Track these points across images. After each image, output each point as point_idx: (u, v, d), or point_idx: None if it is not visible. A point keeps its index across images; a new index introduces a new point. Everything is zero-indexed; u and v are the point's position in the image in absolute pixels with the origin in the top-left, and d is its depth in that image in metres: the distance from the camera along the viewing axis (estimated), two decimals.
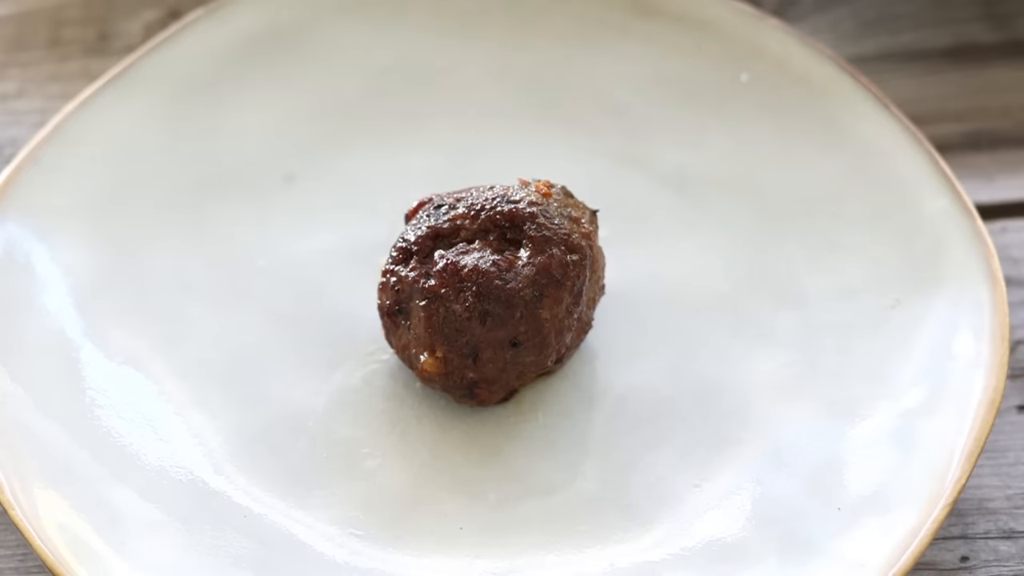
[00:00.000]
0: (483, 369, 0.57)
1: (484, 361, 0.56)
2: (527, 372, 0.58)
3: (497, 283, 0.56)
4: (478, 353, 0.56)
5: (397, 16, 0.69)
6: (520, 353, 0.57)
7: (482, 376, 0.57)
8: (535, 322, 0.56)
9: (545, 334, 0.57)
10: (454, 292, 0.56)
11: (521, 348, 0.56)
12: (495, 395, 0.58)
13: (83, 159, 0.63)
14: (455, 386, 0.57)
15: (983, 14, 0.76)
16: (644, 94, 0.68)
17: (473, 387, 0.57)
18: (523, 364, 0.57)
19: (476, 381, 0.57)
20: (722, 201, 0.65)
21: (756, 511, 0.56)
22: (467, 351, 0.56)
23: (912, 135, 0.64)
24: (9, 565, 0.57)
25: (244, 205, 0.64)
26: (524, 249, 0.57)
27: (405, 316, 0.57)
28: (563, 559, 0.55)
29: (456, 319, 0.56)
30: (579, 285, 0.57)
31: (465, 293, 0.56)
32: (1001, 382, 0.56)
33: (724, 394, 0.59)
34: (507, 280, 0.56)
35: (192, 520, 0.55)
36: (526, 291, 0.56)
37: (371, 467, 0.57)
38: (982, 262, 0.60)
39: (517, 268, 0.56)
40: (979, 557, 0.57)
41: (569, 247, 0.57)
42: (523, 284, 0.56)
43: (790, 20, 0.74)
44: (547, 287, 0.56)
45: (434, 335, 0.56)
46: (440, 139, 0.66)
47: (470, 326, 0.56)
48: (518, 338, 0.56)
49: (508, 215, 0.57)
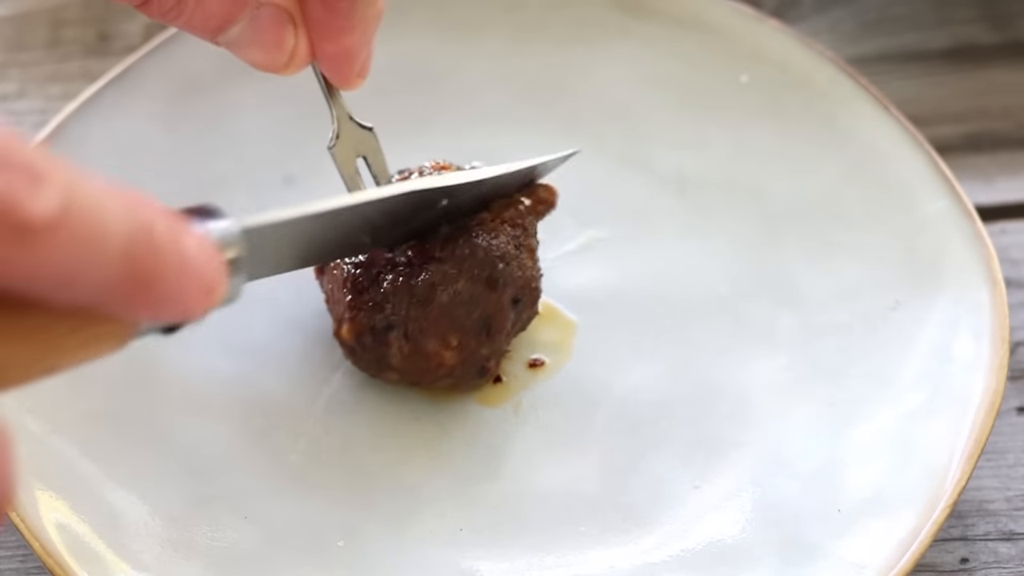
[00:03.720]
0: (495, 340, 0.57)
1: (495, 331, 0.57)
2: (519, 331, 0.59)
3: (486, 245, 0.56)
4: (490, 324, 0.56)
5: (397, 17, 0.69)
6: (520, 308, 0.57)
7: (493, 349, 0.57)
8: (525, 272, 0.57)
9: (535, 279, 0.58)
10: (451, 272, 0.56)
11: (521, 302, 0.57)
12: (499, 365, 0.58)
13: (83, 159, 0.63)
14: (470, 370, 0.57)
15: (983, 15, 0.76)
16: (644, 96, 0.68)
17: (484, 364, 0.57)
18: (522, 321, 0.58)
19: (488, 356, 0.57)
20: (722, 202, 0.65)
21: (756, 512, 0.56)
22: (480, 325, 0.56)
23: (912, 136, 0.64)
24: (9, 566, 0.57)
25: (244, 206, 0.64)
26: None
27: (395, 328, 0.56)
28: (563, 560, 0.55)
29: (466, 298, 0.56)
30: (535, 238, 0.58)
31: (463, 265, 0.56)
32: (1001, 384, 0.56)
33: (724, 395, 0.59)
34: (492, 240, 0.56)
35: (192, 521, 0.55)
36: (510, 246, 0.57)
37: (371, 467, 0.57)
38: (982, 264, 0.60)
39: (484, 230, 0.57)
40: (979, 559, 0.57)
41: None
42: (505, 239, 0.57)
43: (790, 21, 0.74)
44: (520, 239, 0.57)
45: (443, 326, 0.56)
46: (440, 140, 0.66)
47: (480, 298, 0.56)
48: (518, 293, 0.57)
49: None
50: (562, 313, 0.62)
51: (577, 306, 0.62)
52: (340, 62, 0.57)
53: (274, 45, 0.56)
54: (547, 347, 0.61)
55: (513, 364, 0.60)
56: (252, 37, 0.56)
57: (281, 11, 0.55)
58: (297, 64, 0.57)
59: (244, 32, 0.55)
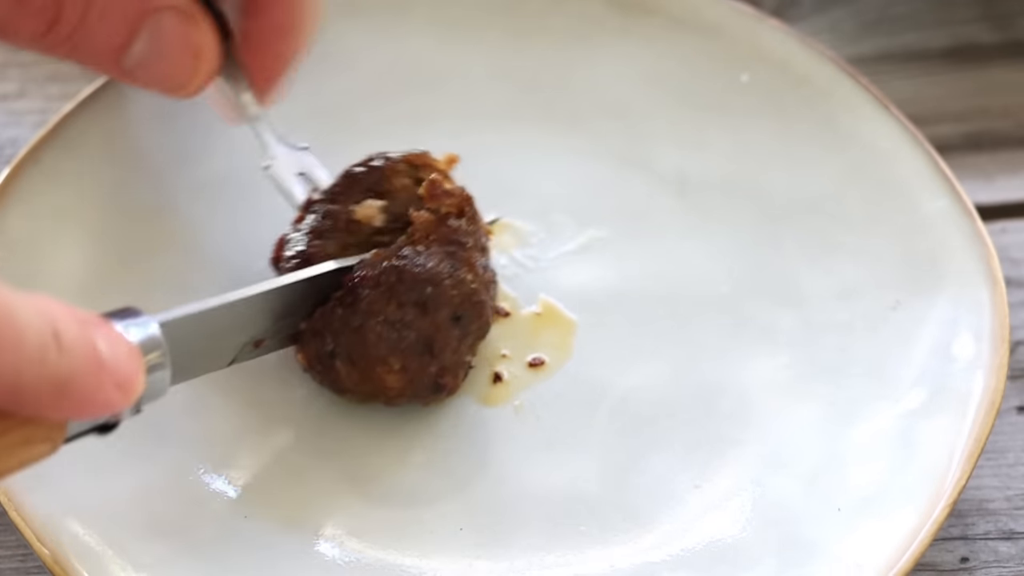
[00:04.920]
0: (441, 357, 0.56)
1: (439, 350, 0.56)
2: (475, 343, 0.58)
3: (413, 270, 0.56)
4: (431, 344, 0.56)
5: (397, 18, 0.69)
6: (464, 323, 0.57)
7: (443, 365, 0.57)
8: (463, 288, 0.56)
9: (476, 293, 0.57)
10: (380, 299, 0.55)
11: (464, 318, 0.57)
12: (458, 378, 0.58)
13: (83, 159, 0.63)
14: (422, 389, 0.57)
15: (983, 14, 0.76)
16: (644, 95, 0.68)
17: (437, 379, 0.57)
18: (472, 334, 0.57)
19: (439, 372, 0.57)
20: (722, 202, 0.65)
21: (756, 512, 0.56)
22: (420, 347, 0.56)
23: (912, 136, 0.64)
24: (9, 565, 0.57)
25: (245, 206, 0.64)
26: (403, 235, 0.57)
27: (337, 355, 0.56)
28: (563, 559, 0.55)
29: (397, 322, 0.55)
30: (478, 240, 0.58)
31: (390, 292, 0.55)
32: (1001, 383, 0.56)
33: (724, 395, 0.59)
34: (418, 263, 0.56)
35: (193, 521, 0.55)
36: (443, 265, 0.56)
37: (371, 467, 0.57)
38: (982, 263, 0.60)
39: (417, 251, 0.56)
40: (979, 558, 0.57)
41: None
42: (436, 260, 0.56)
43: (790, 21, 0.74)
44: (456, 254, 0.57)
45: (383, 350, 0.56)
46: (440, 141, 0.66)
47: (414, 322, 0.56)
48: (457, 311, 0.56)
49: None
50: (562, 313, 0.62)
51: (577, 306, 0.62)
52: (269, 76, 0.58)
53: (181, 53, 0.55)
54: (547, 347, 0.61)
55: (513, 364, 0.60)
56: (157, 49, 0.54)
57: (182, 14, 0.54)
58: (205, 69, 0.56)
59: (148, 45, 0.54)
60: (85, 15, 0.53)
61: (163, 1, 0.54)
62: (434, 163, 0.59)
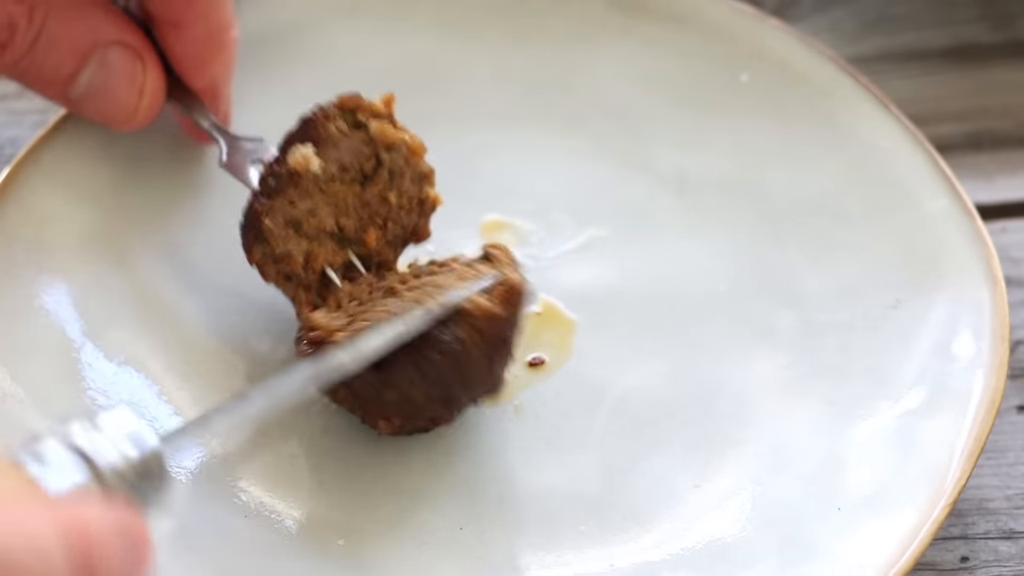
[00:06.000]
0: (435, 410, 0.56)
1: (442, 419, 0.56)
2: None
3: (455, 375, 0.54)
4: (437, 418, 0.56)
5: (397, 18, 0.69)
6: (478, 397, 0.56)
7: (437, 414, 0.56)
8: (491, 383, 0.55)
9: (500, 382, 0.56)
10: (411, 382, 0.54)
11: (480, 398, 0.56)
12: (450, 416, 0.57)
13: (83, 159, 0.63)
14: (417, 429, 0.57)
15: (983, 14, 0.77)
16: (644, 95, 0.68)
17: (428, 423, 0.57)
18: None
19: (434, 418, 0.56)
20: (722, 201, 0.65)
21: (756, 511, 0.56)
22: (427, 419, 0.56)
23: (912, 135, 0.64)
24: None
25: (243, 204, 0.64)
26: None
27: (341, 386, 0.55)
28: (563, 559, 0.55)
29: (417, 401, 0.54)
30: (518, 328, 0.55)
31: (422, 381, 0.54)
32: (1001, 382, 0.56)
33: (724, 394, 0.59)
34: (462, 364, 0.54)
35: (192, 520, 0.55)
36: (481, 369, 0.54)
37: (371, 467, 0.57)
38: (982, 262, 0.60)
39: (462, 343, 0.54)
40: (979, 557, 0.57)
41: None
42: (477, 364, 0.54)
43: (790, 20, 0.74)
44: (496, 352, 0.54)
45: (389, 413, 0.55)
46: (440, 141, 0.66)
47: (432, 408, 0.55)
48: (476, 395, 0.55)
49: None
50: (562, 312, 0.62)
51: (577, 305, 0.62)
52: (213, 96, 0.60)
53: (126, 86, 0.56)
54: (547, 346, 0.61)
55: (513, 364, 0.60)
56: (104, 81, 0.56)
57: (129, 49, 0.56)
58: (149, 103, 0.58)
59: (95, 77, 0.56)
60: (35, 42, 0.54)
61: (112, 36, 0.56)
62: (370, 105, 0.59)
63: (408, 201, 0.59)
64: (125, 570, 0.40)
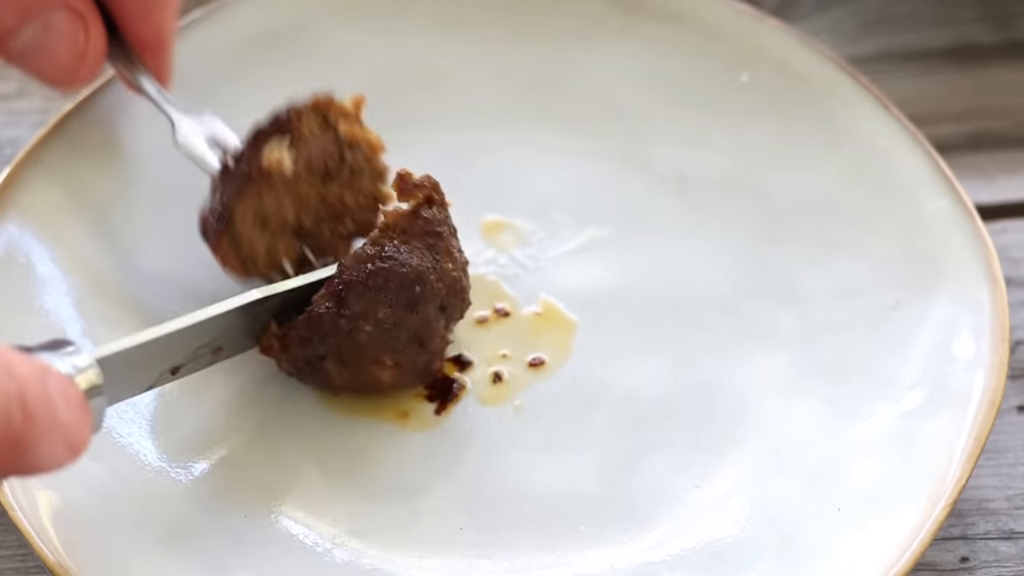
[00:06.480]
0: (429, 347, 0.57)
1: (427, 341, 0.57)
2: (455, 322, 0.58)
3: (400, 270, 0.56)
4: (421, 338, 0.56)
5: (397, 17, 0.69)
6: (449, 311, 0.57)
7: (431, 352, 0.57)
8: (447, 278, 0.57)
9: (458, 280, 0.57)
10: (370, 302, 0.55)
11: (449, 306, 0.57)
12: (443, 359, 0.58)
13: (83, 159, 0.63)
14: (414, 376, 0.57)
15: (983, 14, 0.76)
16: (644, 94, 0.68)
17: (428, 367, 0.57)
18: (454, 318, 0.58)
19: (428, 360, 0.57)
20: (722, 201, 0.65)
21: (756, 512, 0.56)
22: (411, 342, 0.56)
23: (912, 135, 0.64)
24: (9, 565, 0.57)
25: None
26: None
27: (328, 357, 0.56)
28: (563, 559, 0.55)
29: (388, 323, 0.56)
30: (449, 224, 0.58)
31: (380, 295, 0.55)
32: (1001, 382, 0.56)
33: (724, 394, 0.59)
34: (404, 263, 0.56)
35: (192, 520, 0.55)
36: (426, 260, 0.56)
37: (371, 467, 0.57)
38: (982, 262, 0.60)
39: (399, 249, 0.56)
40: (979, 558, 0.57)
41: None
42: (419, 256, 0.56)
43: (790, 21, 0.74)
44: (436, 246, 0.57)
45: (377, 351, 0.56)
46: (440, 140, 0.66)
47: (404, 320, 0.56)
48: (443, 301, 0.57)
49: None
50: (562, 313, 0.62)
51: (577, 306, 0.62)
52: (157, 47, 0.59)
53: (67, 49, 0.57)
54: (547, 347, 0.61)
55: (513, 364, 0.60)
56: (44, 42, 0.56)
57: (74, 14, 0.56)
58: (88, 66, 0.58)
59: (36, 36, 0.56)
60: None
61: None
62: (340, 106, 0.60)
63: (364, 198, 0.61)
64: (59, 437, 0.43)
